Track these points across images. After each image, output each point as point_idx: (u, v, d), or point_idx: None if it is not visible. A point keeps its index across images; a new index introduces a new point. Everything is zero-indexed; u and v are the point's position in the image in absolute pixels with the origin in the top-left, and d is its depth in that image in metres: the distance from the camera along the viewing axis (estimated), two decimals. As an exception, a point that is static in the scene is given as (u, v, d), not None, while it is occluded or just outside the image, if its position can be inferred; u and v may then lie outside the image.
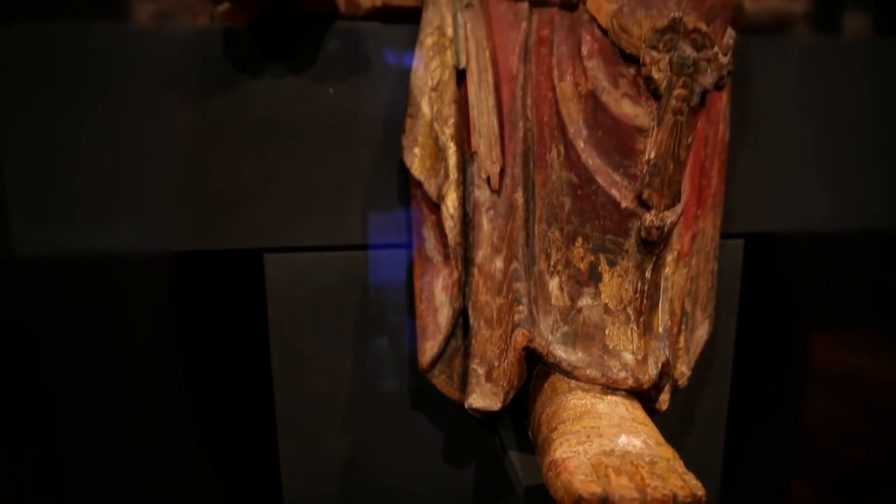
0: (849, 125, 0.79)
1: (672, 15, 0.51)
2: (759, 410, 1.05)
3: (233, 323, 0.88)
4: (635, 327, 0.55)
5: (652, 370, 0.56)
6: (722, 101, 0.70)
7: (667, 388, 0.61)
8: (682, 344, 0.67)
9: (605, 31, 0.53)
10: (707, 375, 0.81)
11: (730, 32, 0.59)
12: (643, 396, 0.58)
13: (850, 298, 1.06)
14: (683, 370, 0.68)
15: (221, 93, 0.67)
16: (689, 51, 0.51)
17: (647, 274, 0.55)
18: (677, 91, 0.51)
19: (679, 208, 0.55)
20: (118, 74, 0.68)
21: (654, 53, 0.51)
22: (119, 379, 0.89)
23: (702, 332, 0.70)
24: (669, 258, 0.60)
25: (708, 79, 0.53)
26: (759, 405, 1.05)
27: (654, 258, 0.55)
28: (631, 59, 0.52)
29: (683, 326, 0.67)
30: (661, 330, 0.58)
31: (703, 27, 0.52)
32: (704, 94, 0.53)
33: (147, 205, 0.70)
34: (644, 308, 0.56)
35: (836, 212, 0.82)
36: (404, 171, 0.63)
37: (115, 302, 0.87)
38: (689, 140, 0.54)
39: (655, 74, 0.51)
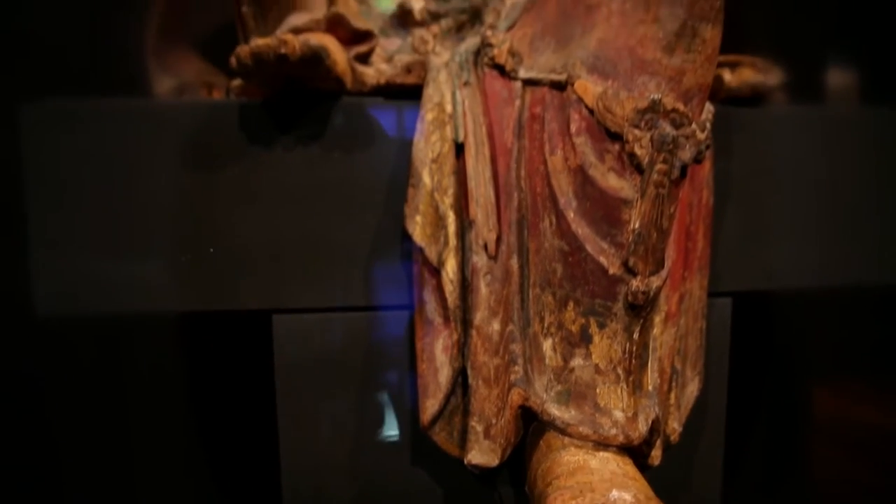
0: (827, 186, 0.84)
1: (652, 97, 0.56)
2: (757, 463, 1.07)
3: (240, 381, 0.91)
4: (625, 386, 0.59)
5: (642, 427, 0.59)
6: (705, 168, 0.74)
7: (658, 443, 0.64)
8: (672, 401, 0.69)
9: (591, 111, 0.58)
10: (701, 431, 0.84)
11: (708, 108, 0.65)
12: (635, 452, 0.61)
13: (847, 352, 1.08)
14: (675, 426, 0.71)
15: (235, 161, 0.72)
16: (668, 129, 0.56)
17: (635, 335, 0.58)
18: (658, 166, 0.56)
19: (664, 273, 0.59)
20: (139, 143, 0.73)
21: (636, 132, 0.56)
22: (126, 436, 0.91)
23: (692, 389, 0.73)
24: (657, 319, 0.64)
25: (687, 154, 0.57)
26: (756, 459, 1.07)
27: (641, 320, 0.58)
28: (615, 137, 0.57)
29: (674, 384, 0.70)
30: (650, 388, 0.61)
31: (681, 107, 0.57)
32: (684, 168, 0.58)
33: (161, 266, 0.74)
34: (633, 368, 0.59)
35: (820, 270, 0.86)
36: (407, 237, 0.67)
37: (125, 360, 0.90)
38: (672, 210, 0.58)
39: (638, 151, 0.56)
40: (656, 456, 0.64)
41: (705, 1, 0.57)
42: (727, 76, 0.81)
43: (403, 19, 0.82)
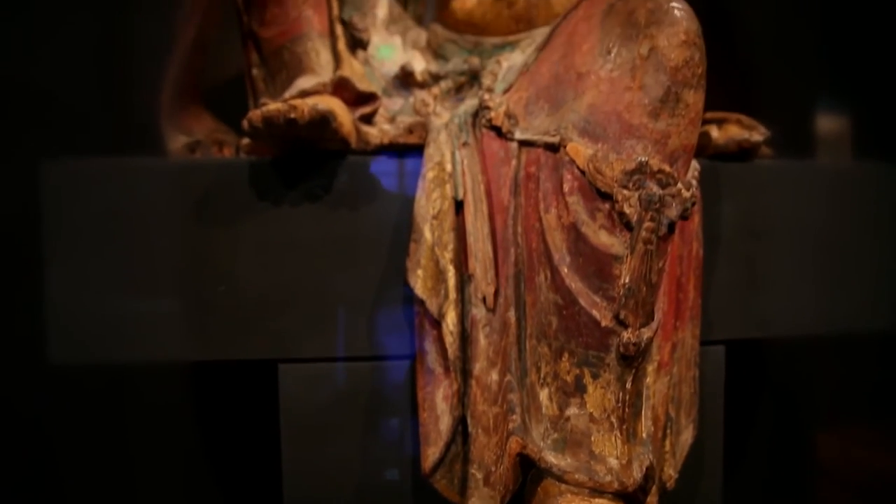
0: (814, 236, 0.88)
1: (639, 159, 0.60)
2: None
3: (246, 428, 0.93)
4: (619, 434, 0.61)
5: (637, 473, 0.61)
6: (695, 222, 0.78)
7: (654, 490, 0.66)
8: (668, 448, 0.72)
9: (583, 172, 0.62)
10: (699, 476, 0.86)
11: (694, 165, 0.69)
12: (631, 499, 0.63)
13: (843, 397, 1.10)
14: (671, 472, 0.73)
15: (245, 216, 0.75)
16: (655, 189, 0.60)
17: (628, 385, 0.61)
18: (646, 224, 0.59)
19: (654, 325, 0.62)
20: (153, 199, 0.77)
21: (625, 192, 0.60)
22: (133, 482, 0.93)
23: (686, 436, 0.75)
24: (650, 368, 0.66)
25: (673, 212, 0.61)
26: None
27: (633, 370, 0.61)
28: (606, 196, 0.60)
29: (668, 431, 0.72)
30: (645, 436, 0.64)
31: (667, 168, 0.61)
32: (671, 225, 0.61)
33: (171, 317, 0.77)
34: (627, 416, 0.62)
35: (810, 317, 0.89)
36: (409, 290, 0.70)
37: (134, 407, 0.93)
38: (661, 265, 0.61)
39: (627, 209, 0.60)
40: (652, 502, 0.66)
41: (687, 68, 0.62)
42: (714, 133, 0.86)
43: (405, 80, 0.87)
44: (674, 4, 0.63)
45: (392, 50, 0.96)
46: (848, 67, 1.27)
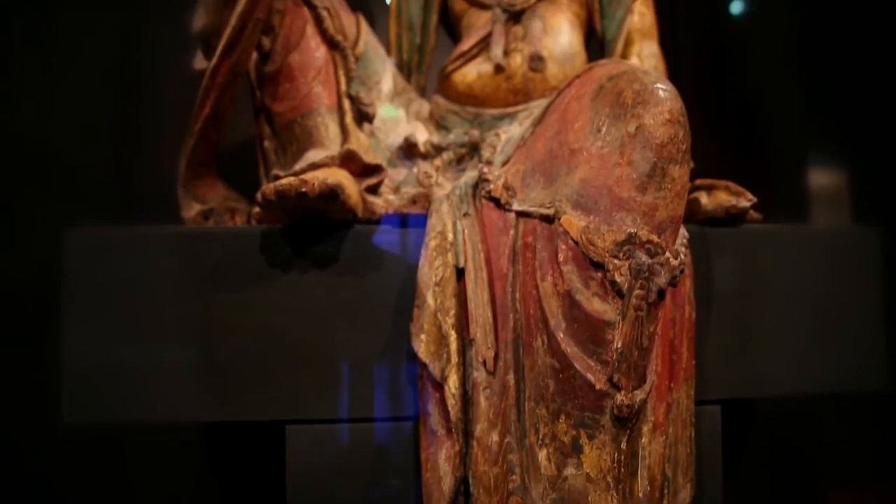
0: (803, 297, 0.91)
1: (628, 231, 0.65)
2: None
3: (254, 487, 0.96)
4: (615, 493, 0.64)
5: (634, 533, 0.64)
6: (686, 286, 0.82)
7: (652, 550, 0.69)
8: (665, 507, 0.74)
9: (576, 242, 0.66)
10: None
11: (682, 233, 0.73)
12: (629, 557, 0.65)
13: (840, 455, 1.12)
14: (669, 532, 0.75)
15: (255, 283, 0.80)
16: (644, 258, 0.64)
17: (623, 445, 0.64)
18: (637, 291, 0.64)
19: (647, 387, 0.65)
20: (169, 265, 0.82)
21: (615, 261, 0.64)
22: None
23: (684, 496, 0.77)
24: (645, 429, 0.69)
25: (662, 279, 0.65)
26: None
27: (628, 431, 0.65)
28: (598, 266, 0.65)
29: (666, 491, 0.74)
30: (641, 495, 0.67)
31: (655, 238, 0.65)
32: (661, 292, 0.66)
33: (183, 379, 0.80)
34: (623, 476, 0.65)
35: (802, 376, 0.92)
36: (412, 354, 0.74)
37: (145, 466, 0.95)
38: (651, 329, 0.65)
39: (618, 278, 0.64)
40: (650, 562, 0.68)
41: (672, 145, 0.67)
42: (704, 199, 0.90)
43: (409, 151, 0.93)
44: (658, 86, 0.69)
45: (394, 111, 1.02)
46: (835, 134, 1.34)
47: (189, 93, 0.97)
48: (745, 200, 0.89)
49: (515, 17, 1.01)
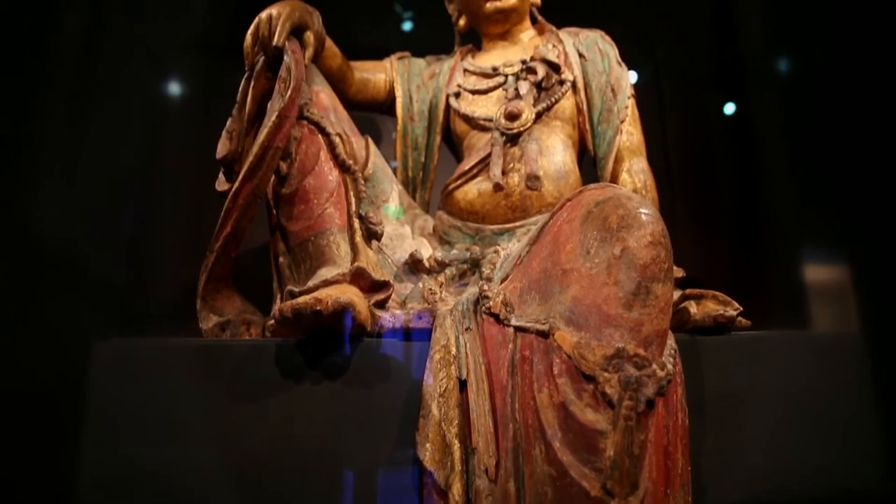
0: (793, 401, 0.97)
1: (616, 345, 0.72)
2: None
3: None
4: None
5: None
6: (678, 393, 0.88)
7: None
8: None
9: (569, 356, 0.74)
10: None
11: (670, 344, 0.80)
12: None
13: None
14: None
15: (270, 393, 0.86)
16: (632, 371, 0.71)
17: (621, 551, 0.69)
18: (626, 402, 0.70)
19: (640, 493, 0.71)
20: (189, 375, 0.89)
21: (605, 374, 0.71)
22: None
23: None
24: (643, 534, 0.74)
25: (650, 390, 0.72)
26: None
27: (624, 537, 0.70)
28: (590, 378, 0.72)
29: None
30: None
31: (642, 352, 0.72)
32: (650, 402, 0.72)
33: (199, 485, 0.86)
34: (622, 581, 0.69)
35: (798, 478, 0.96)
36: (417, 462, 0.80)
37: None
38: (642, 438, 0.72)
39: (608, 390, 0.71)
40: None
41: (655, 265, 0.75)
42: (693, 309, 0.98)
43: (414, 266, 1.02)
44: (641, 210, 0.78)
45: (398, 211, 1.12)
46: (829, 234, 1.41)
47: (205, 207, 1.07)
48: (732, 309, 0.96)
49: (513, 139, 1.12)
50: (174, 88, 1.60)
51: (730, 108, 1.70)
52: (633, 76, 1.67)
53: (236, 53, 1.11)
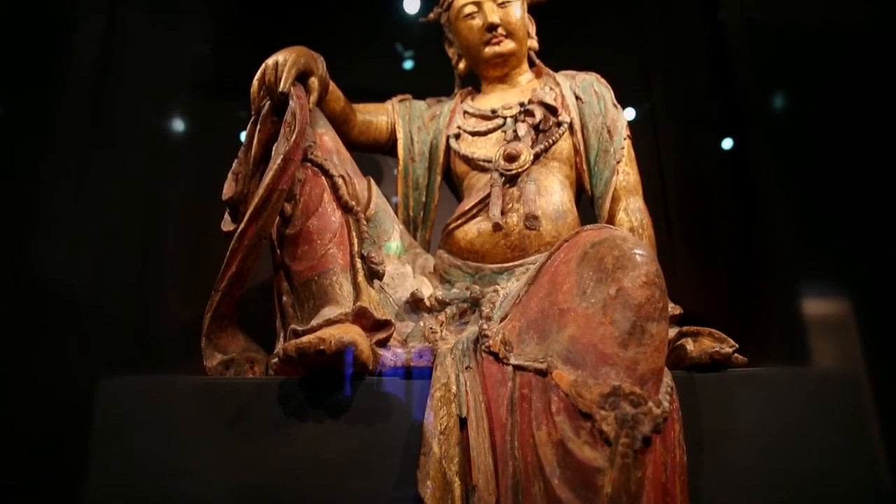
0: (788, 438, 0.99)
1: (612, 384, 0.74)
2: None
3: None
4: None
5: None
6: (675, 430, 0.89)
7: None
8: None
9: (567, 395, 0.76)
10: None
11: (667, 382, 0.82)
12: None
13: None
14: None
15: (274, 430, 0.89)
16: (628, 408, 0.74)
17: (619, 588, 0.71)
18: (622, 440, 0.72)
19: (638, 530, 0.72)
20: (193, 413, 0.91)
21: (602, 412, 0.74)
22: None
23: None
24: (642, 573, 0.76)
25: (646, 427, 0.74)
26: None
27: (623, 574, 0.71)
28: (587, 416, 0.74)
29: None
30: None
31: (638, 390, 0.75)
32: (646, 439, 0.74)
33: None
34: None
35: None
36: (418, 499, 0.81)
37: None
38: (639, 475, 0.73)
39: (605, 427, 0.73)
40: None
41: (650, 304, 0.78)
42: (689, 346, 1.00)
43: (415, 305, 1.04)
44: (636, 251, 0.81)
45: (399, 247, 1.15)
46: (827, 270, 1.44)
47: (210, 246, 1.10)
48: (728, 346, 0.98)
49: (511, 179, 1.16)
50: (178, 127, 1.65)
51: (727, 144, 1.74)
52: (630, 113, 1.73)
53: (238, 93, 1.15)
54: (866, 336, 1.31)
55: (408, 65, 1.85)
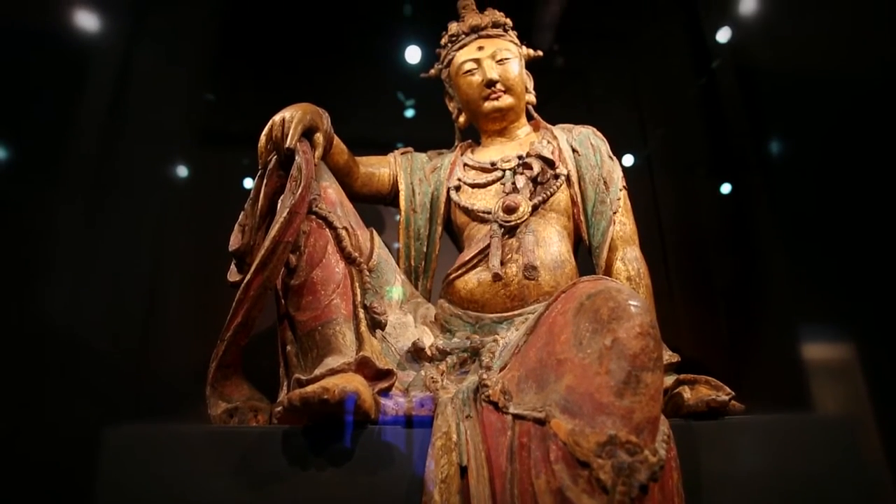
0: (784, 481, 1.00)
1: (609, 433, 0.77)
2: None
3: None
4: None
5: None
6: (673, 478, 0.92)
7: None
8: None
9: (565, 443, 0.79)
10: None
11: (663, 430, 0.85)
12: None
13: None
14: None
15: (277, 479, 0.91)
16: (625, 457, 0.76)
17: None
18: (619, 488, 0.75)
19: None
20: (198, 461, 0.93)
21: (599, 461, 0.76)
22: None
23: None
24: None
25: (643, 475, 0.77)
26: None
27: None
28: (584, 465, 0.77)
29: None
30: None
31: (634, 439, 0.78)
32: (643, 487, 0.77)
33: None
34: None
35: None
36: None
37: None
38: (636, 521, 0.76)
39: (602, 476, 0.76)
40: None
41: (644, 354, 0.81)
42: (686, 394, 1.03)
43: (417, 354, 1.08)
44: (630, 303, 0.85)
45: (400, 291, 1.19)
46: (827, 313, 1.46)
47: (215, 295, 1.14)
48: (724, 394, 1.01)
49: (511, 231, 1.20)
50: (182, 176, 1.70)
51: (724, 189, 1.78)
52: (627, 160, 1.77)
53: (243, 142, 1.20)
54: (870, 380, 1.33)
55: (409, 113, 1.91)
